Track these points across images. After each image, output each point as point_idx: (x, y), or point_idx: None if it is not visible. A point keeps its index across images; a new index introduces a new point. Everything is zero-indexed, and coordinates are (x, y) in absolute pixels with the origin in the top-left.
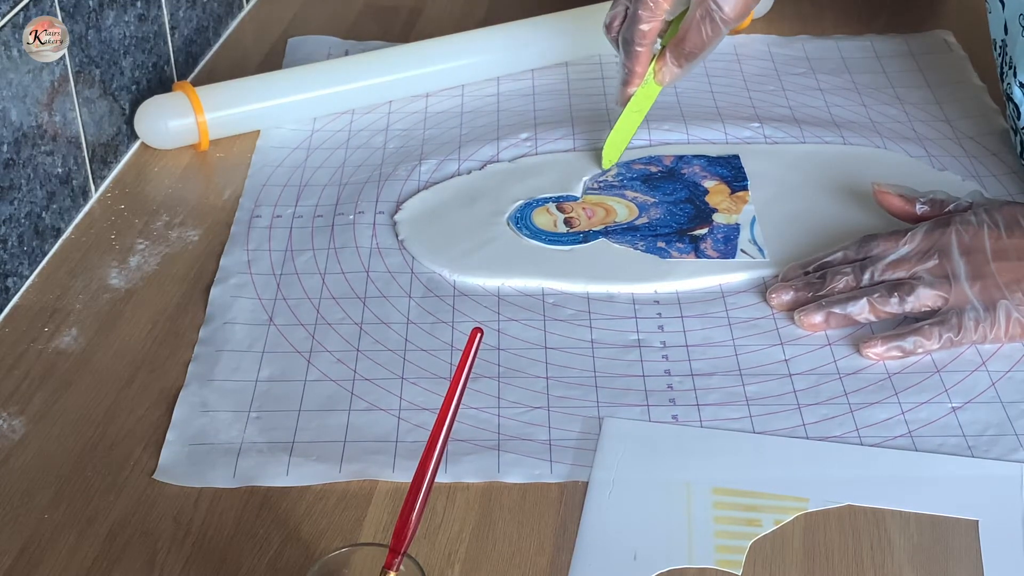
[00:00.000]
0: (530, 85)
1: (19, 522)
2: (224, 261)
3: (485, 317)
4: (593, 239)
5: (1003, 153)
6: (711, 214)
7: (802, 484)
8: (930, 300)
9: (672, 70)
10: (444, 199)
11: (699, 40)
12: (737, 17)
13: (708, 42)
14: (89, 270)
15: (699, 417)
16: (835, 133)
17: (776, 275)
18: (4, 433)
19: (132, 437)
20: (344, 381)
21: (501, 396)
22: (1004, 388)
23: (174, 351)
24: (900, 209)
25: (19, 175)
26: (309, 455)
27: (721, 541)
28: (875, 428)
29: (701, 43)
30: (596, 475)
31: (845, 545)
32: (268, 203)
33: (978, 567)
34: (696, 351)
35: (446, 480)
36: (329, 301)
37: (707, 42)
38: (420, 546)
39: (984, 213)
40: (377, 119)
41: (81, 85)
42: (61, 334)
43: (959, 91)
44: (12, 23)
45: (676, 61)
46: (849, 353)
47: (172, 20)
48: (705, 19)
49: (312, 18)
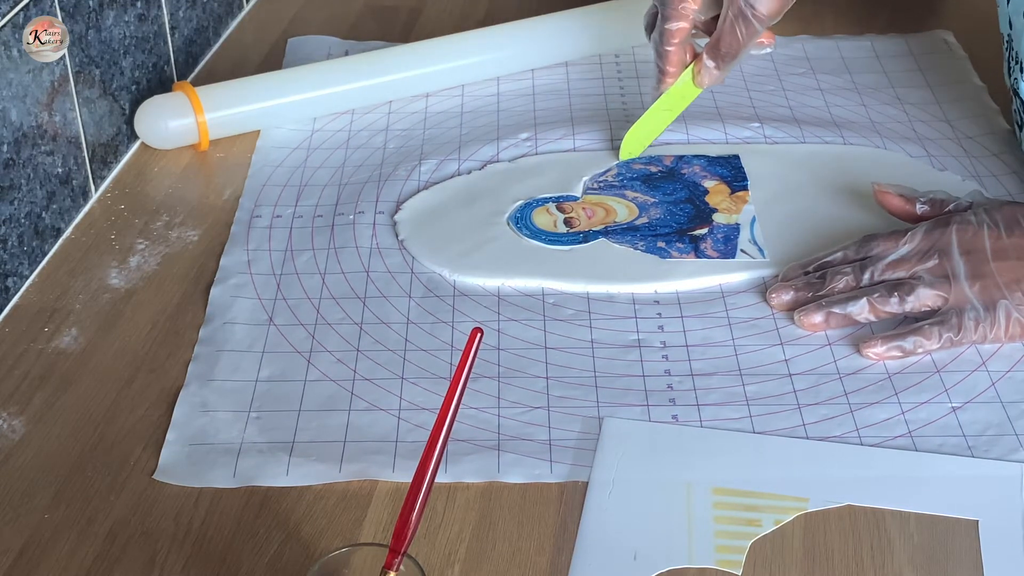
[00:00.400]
0: (530, 85)
1: (19, 522)
2: (224, 261)
3: (485, 317)
4: (593, 239)
5: (1003, 153)
6: (711, 214)
7: (802, 484)
8: (930, 300)
9: (711, 72)
10: (444, 199)
11: (734, 40)
12: (771, 15)
13: (744, 42)
14: (89, 270)
15: (699, 417)
16: (835, 133)
17: (776, 275)
18: (4, 433)
19: (132, 437)
20: (344, 381)
21: (501, 396)
22: (1004, 388)
23: (174, 351)
24: (900, 209)
25: (19, 175)
26: (309, 455)
27: (721, 541)
28: (875, 428)
29: (737, 44)
30: (596, 475)
31: (845, 545)
32: (268, 203)
33: (978, 567)
34: (696, 351)
35: (446, 480)
36: (329, 301)
37: (743, 42)
38: (420, 546)
39: (984, 213)
40: (377, 119)
41: (81, 85)
42: (61, 334)
43: (959, 91)
44: (12, 23)
45: (714, 63)
46: (849, 353)
47: (172, 20)
48: (739, 18)
49: (312, 18)
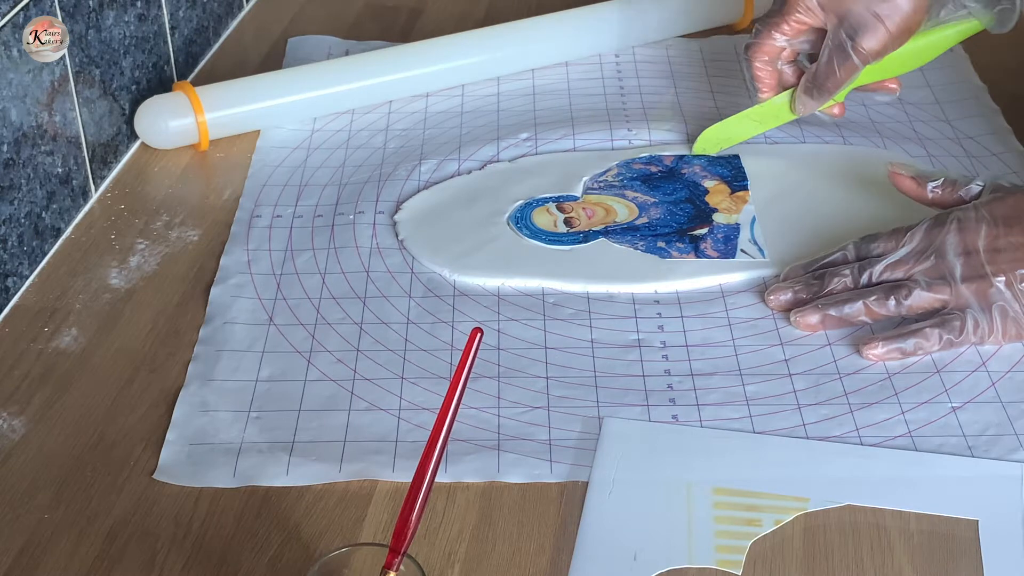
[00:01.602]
0: (530, 85)
1: (19, 522)
2: (224, 261)
3: (485, 317)
4: (593, 239)
5: (1003, 153)
6: (711, 214)
7: (802, 484)
8: (927, 303)
9: (806, 102)
10: (444, 199)
11: (831, 73)
12: (873, 52)
13: (841, 77)
14: (89, 270)
15: (699, 417)
16: (835, 133)
17: (776, 275)
18: (4, 433)
19: (132, 437)
20: (344, 381)
21: (501, 396)
22: (1004, 388)
23: (174, 351)
24: (913, 191)
25: (19, 175)
26: (309, 455)
27: (721, 541)
28: (875, 428)
29: (834, 78)
30: (596, 475)
31: (845, 545)
32: (268, 203)
33: (978, 567)
34: (696, 351)
35: (446, 480)
36: (329, 301)
37: (840, 76)
38: (420, 546)
39: (984, 208)
40: (377, 119)
41: (81, 85)
42: (61, 334)
43: (959, 91)
44: (12, 23)
45: (809, 93)
46: (849, 353)
47: (172, 20)
48: (838, 51)
49: (312, 18)
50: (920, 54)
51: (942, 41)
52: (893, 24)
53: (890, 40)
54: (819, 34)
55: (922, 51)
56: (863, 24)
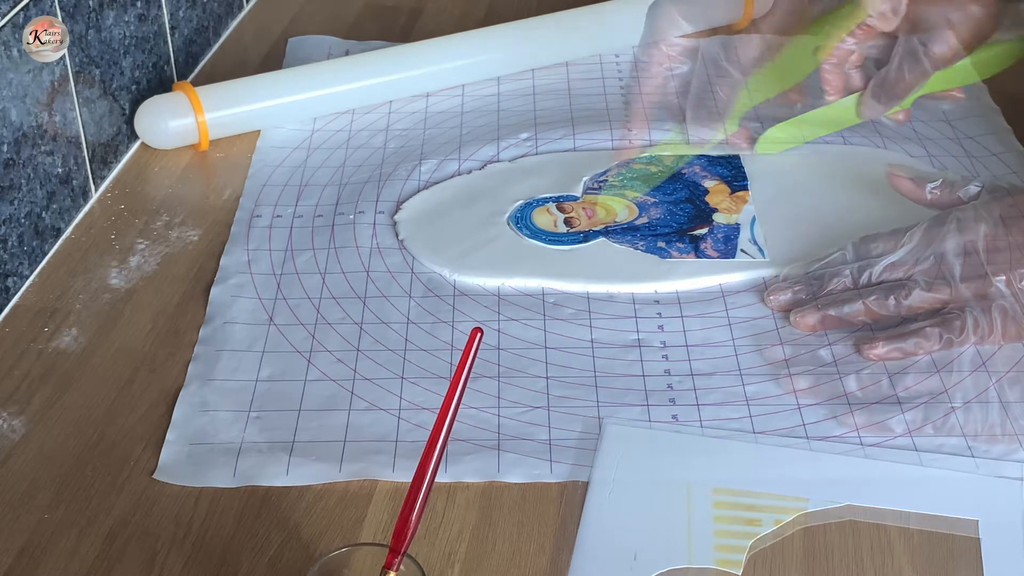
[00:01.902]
0: (530, 85)
1: (19, 522)
2: (224, 261)
3: (485, 317)
4: (593, 239)
5: (1003, 153)
6: (711, 214)
7: (802, 484)
8: (926, 303)
9: (873, 106)
10: (444, 199)
11: (900, 79)
12: (944, 58)
13: (910, 83)
14: (89, 270)
15: (699, 417)
16: (835, 133)
17: (776, 275)
18: (4, 433)
19: (132, 437)
20: (344, 381)
21: (501, 396)
22: (1004, 388)
23: (174, 351)
24: (911, 192)
25: (19, 175)
26: (309, 455)
27: (721, 541)
28: (875, 428)
29: (902, 83)
30: (596, 475)
31: (845, 545)
32: (268, 203)
33: (978, 567)
34: (696, 351)
35: (446, 480)
36: (329, 301)
37: (909, 82)
38: (420, 546)
39: (984, 208)
40: (377, 119)
41: (81, 85)
42: (61, 334)
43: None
44: (12, 23)
45: (877, 98)
46: (849, 353)
47: (172, 20)
48: (908, 57)
49: (312, 18)
50: (989, 64)
51: (1010, 52)
52: (965, 32)
53: (961, 48)
54: (888, 39)
55: (991, 61)
56: (935, 31)
